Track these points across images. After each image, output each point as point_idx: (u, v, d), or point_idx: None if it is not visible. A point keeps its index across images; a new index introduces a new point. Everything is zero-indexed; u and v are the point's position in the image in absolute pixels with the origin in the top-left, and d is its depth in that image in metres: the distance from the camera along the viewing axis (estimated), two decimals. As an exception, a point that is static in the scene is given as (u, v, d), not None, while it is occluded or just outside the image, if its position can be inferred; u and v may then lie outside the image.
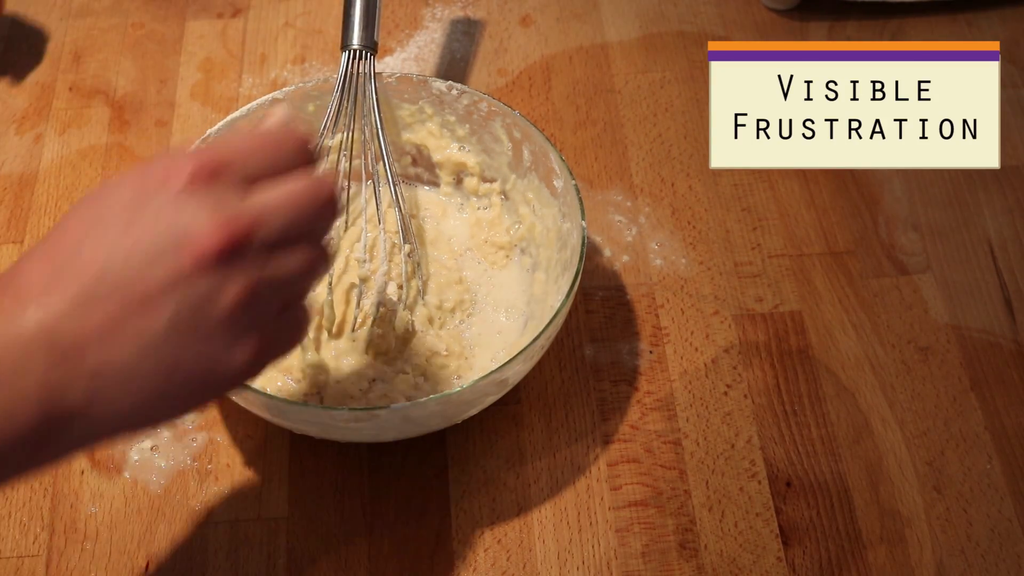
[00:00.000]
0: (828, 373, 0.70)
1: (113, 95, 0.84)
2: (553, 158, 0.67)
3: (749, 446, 0.67)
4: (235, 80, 0.84)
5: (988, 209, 0.77)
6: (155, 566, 0.63)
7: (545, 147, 0.68)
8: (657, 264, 0.74)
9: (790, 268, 0.74)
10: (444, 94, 0.71)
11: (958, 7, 0.88)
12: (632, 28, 0.88)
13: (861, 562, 0.63)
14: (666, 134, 0.81)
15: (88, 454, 0.66)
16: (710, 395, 0.69)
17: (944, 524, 0.64)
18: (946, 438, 0.67)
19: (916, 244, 0.75)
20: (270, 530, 0.64)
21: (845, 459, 0.66)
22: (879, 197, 0.78)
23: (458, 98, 0.71)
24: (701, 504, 0.65)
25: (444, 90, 0.71)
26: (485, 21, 0.88)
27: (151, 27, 0.88)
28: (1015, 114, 0.82)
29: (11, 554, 0.63)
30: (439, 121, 0.72)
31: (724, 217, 0.77)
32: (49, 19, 0.89)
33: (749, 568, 0.62)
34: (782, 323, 0.72)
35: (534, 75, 0.85)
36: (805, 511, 0.65)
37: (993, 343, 0.71)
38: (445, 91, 0.71)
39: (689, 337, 0.71)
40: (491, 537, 0.64)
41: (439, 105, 0.72)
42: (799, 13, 0.88)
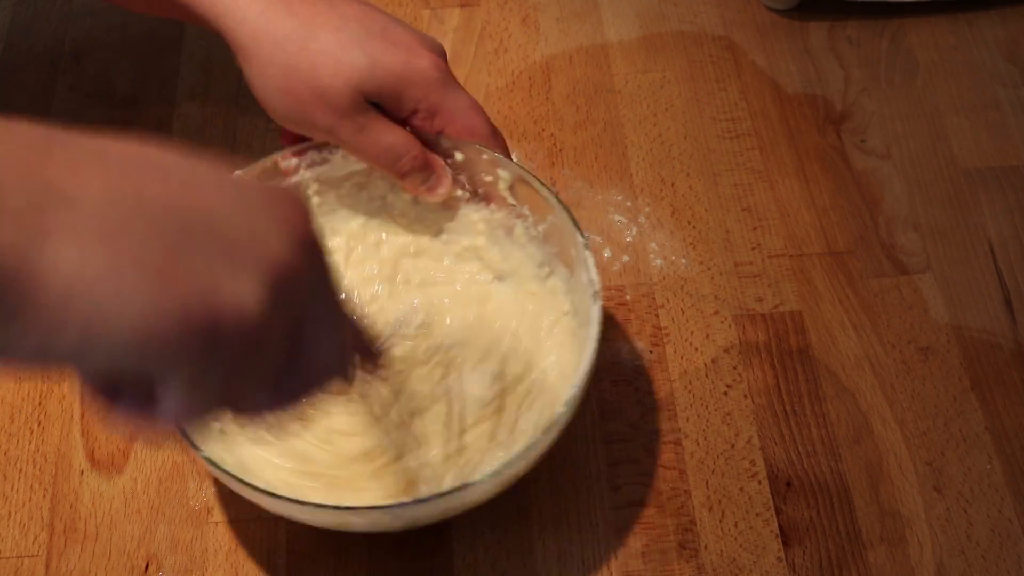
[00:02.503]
0: (828, 373, 0.70)
1: (113, 95, 0.84)
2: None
3: (749, 446, 0.67)
4: (235, 80, 0.84)
5: (988, 209, 0.77)
6: (155, 566, 0.63)
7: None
8: (657, 264, 0.74)
9: (790, 268, 0.74)
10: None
11: (958, 7, 0.88)
12: (632, 28, 0.88)
13: (861, 562, 0.63)
14: (666, 134, 0.81)
15: (88, 452, 0.66)
16: (710, 395, 0.69)
17: (944, 524, 0.64)
18: (946, 438, 0.67)
19: (916, 244, 0.75)
20: (270, 530, 0.64)
21: (845, 459, 0.66)
22: (879, 197, 0.78)
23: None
24: (701, 504, 0.65)
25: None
26: (485, 21, 0.88)
27: (151, 27, 0.88)
28: (1015, 114, 0.82)
29: (11, 554, 0.63)
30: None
31: (724, 217, 0.77)
32: (49, 19, 0.89)
33: (749, 568, 0.62)
34: (782, 323, 0.72)
35: (534, 75, 0.85)
36: (805, 511, 0.65)
37: (993, 343, 0.71)
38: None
39: (689, 337, 0.71)
40: (491, 537, 0.64)
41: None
42: (799, 13, 0.88)
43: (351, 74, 0.62)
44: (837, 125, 0.81)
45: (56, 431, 0.67)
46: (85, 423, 0.68)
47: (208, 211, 0.37)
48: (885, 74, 0.85)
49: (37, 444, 0.67)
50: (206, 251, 0.36)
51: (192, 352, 0.35)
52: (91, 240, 0.34)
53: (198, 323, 0.35)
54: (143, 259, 0.34)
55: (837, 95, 0.83)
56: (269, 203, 0.39)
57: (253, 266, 0.37)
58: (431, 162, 0.66)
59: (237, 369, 0.37)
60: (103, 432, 0.67)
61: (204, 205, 0.37)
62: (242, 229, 0.37)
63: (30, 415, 0.68)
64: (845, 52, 0.86)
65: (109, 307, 0.34)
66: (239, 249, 0.36)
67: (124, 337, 0.34)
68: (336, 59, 0.62)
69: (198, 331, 0.35)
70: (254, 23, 0.62)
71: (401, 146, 0.64)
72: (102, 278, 0.34)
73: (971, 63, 0.85)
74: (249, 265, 0.36)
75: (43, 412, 0.68)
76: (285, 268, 0.38)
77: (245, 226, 0.37)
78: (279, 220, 0.39)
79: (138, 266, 0.34)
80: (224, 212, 0.37)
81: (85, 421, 0.68)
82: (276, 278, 0.37)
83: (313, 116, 0.63)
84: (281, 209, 0.39)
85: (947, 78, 0.84)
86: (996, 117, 0.82)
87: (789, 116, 0.82)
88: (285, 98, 0.63)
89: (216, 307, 0.35)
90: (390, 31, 0.63)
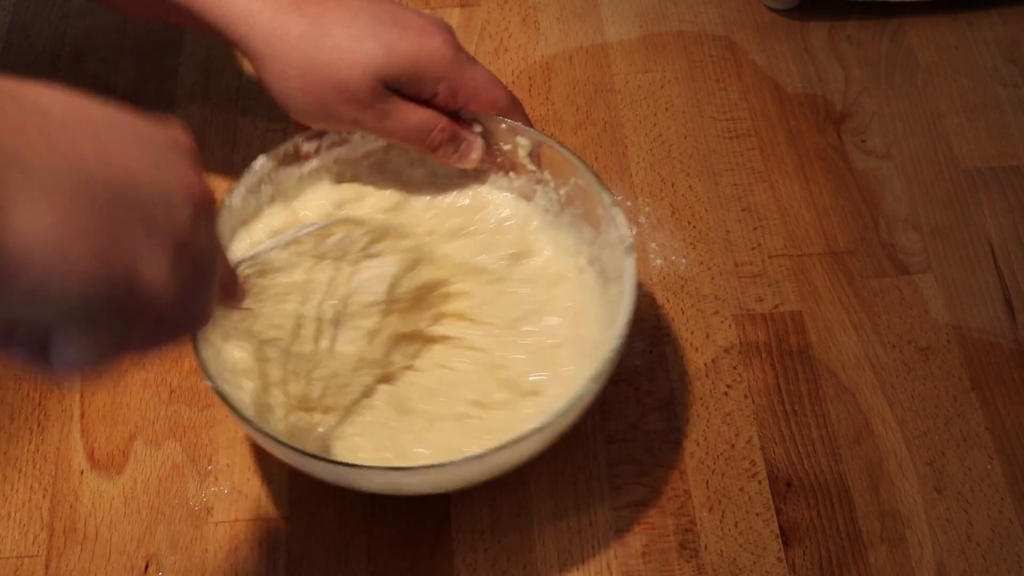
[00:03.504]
0: (828, 373, 0.70)
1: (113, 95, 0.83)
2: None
3: (749, 446, 0.67)
4: (235, 80, 0.84)
5: (988, 209, 0.77)
6: (155, 566, 0.63)
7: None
8: (657, 264, 0.74)
9: (790, 268, 0.74)
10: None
11: (958, 7, 0.88)
12: (632, 28, 0.88)
13: (861, 562, 0.63)
14: (666, 134, 0.81)
15: (88, 452, 0.66)
16: (710, 395, 0.69)
17: (944, 524, 0.64)
18: (946, 438, 0.67)
19: (916, 244, 0.75)
20: (270, 530, 0.64)
21: (845, 459, 0.66)
22: (879, 197, 0.78)
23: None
24: (701, 504, 0.65)
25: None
26: (485, 21, 0.88)
27: (151, 27, 0.87)
28: (1015, 114, 0.82)
29: (11, 554, 0.63)
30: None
31: (724, 217, 0.77)
32: (49, 19, 0.88)
33: (749, 568, 0.62)
34: (782, 323, 0.72)
35: (534, 75, 0.85)
36: (805, 511, 0.64)
37: (993, 343, 0.71)
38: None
39: (689, 337, 0.71)
40: (491, 537, 0.64)
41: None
42: (799, 13, 0.88)
43: (368, 64, 0.63)
44: (837, 125, 0.81)
45: (56, 431, 0.67)
46: (85, 423, 0.68)
47: (131, 174, 0.40)
48: (885, 74, 0.85)
49: (37, 444, 0.67)
50: (131, 226, 0.39)
51: (106, 316, 0.39)
52: (42, 208, 0.36)
53: (119, 296, 0.38)
54: (84, 232, 0.37)
55: (837, 95, 0.83)
56: (173, 155, 0.42)
57: (165, 244, 0.40)
58: (458, 132, 0.67)
59: (136, 325, 0.41)
60: (103, 432, 0.67)
61: (126, 165, 0.40)
62: (156, 196, 0.40)
63: (30, 415, 0.68)
64: (845, 52, 0.86)
65: (54, 276, 0.36)
66: (156, 224, 0.40)
67: (58, 302, 0.37)
68: (352, 52, 0.63)
69: (117, 302, 0.38)
70: (266, 28, 0.63)
71: (428, 122, 0.66)
72: (51, 249, 0.36)
73: (971, 63, 0.85)
74: (162, 243, 0.40)
75: (43, 412, 0.68)
76: (189, 239, 0.41)
77: (159, 193, 0.40)
78: (182, 179, 0.42)
79: (80, 240, 0.37)
80: (142, 176, 0.40)
81: (85, 421, 0.68)
82: (180, 251, 0.41)
83: (337, 111, 0.64)
84: (184, 162, 0.43)
85: (947, 78, 0.84)
86: (996, 117, 0.82)
87: (789, 116, 0.82)
88: (307, 97, 0.64)
89: (135, 284, 0.39)
90: (399, 17, 0.65)
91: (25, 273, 0.35)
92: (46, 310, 0.37)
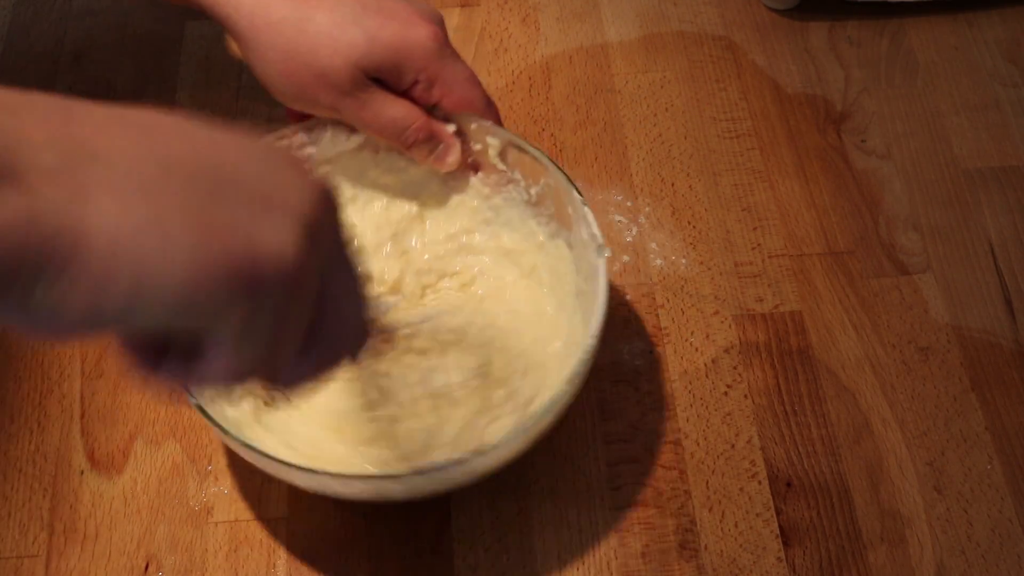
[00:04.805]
0: (828, 373, 0.70)
1: (113, 95, 0.84)
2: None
3: (749, 446, 0.67)
4: (235, 80, 0.84)
5: (988, 209, 0.77)
6: (155, 566, 0.63)
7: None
8: (657, 264, 0.74)
9: (790, 268, 0.74)
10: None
11: (958, 7, 0.88)
12: (632, 28, 0.88)
13: (861, 562, 0.63)
14: (666, 134, 0.81)
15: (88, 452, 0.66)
16: (710, 395, 0.69)
17: (944, 524, 0.64)
18: (946, 438, 0.67)
19: (916, 244, 0.75)
20: (270, 530, 0.64)
21: (845, 459, 0.66)
22: (879, 197, 0.78)
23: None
24: (701, 504, 0.65)
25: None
26: (485, 21, 0.88)
27: (151, 27, 0.88)
28: (1015, 114, 0.82)
29: (11, 554, 0.63)
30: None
31: (724, 217, 0.77)
32: (49, 19, 0.89)
33: (749, 568, 0.62)
34: (782, 323, 0.72)
35: (534, 75, 0.85)
36: (805, 511, 0.64)
37: (993, 343, 0.71)
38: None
39: (689, 337, 0.71)
40: (491, 537, 0.64)
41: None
42: (799, 13, 0.88)
43: (349, 52, 0.62)
44: (837, 125, 0.81)
45: (56, 431, 0.67)
46: (85, 423, 0.68)
47: (234, 166, 0.38)
48: (885, 74, 0.85)
49: (37, 444, 0.67)
50: (239, 201, 0.36)
51: (238, 298, 0.36)
52: (129, 194, 0.34)
53: (242, 268, 0.35)
54: (182, 209, 0.35)
55: (837, 95, 0.83)
56: (286, 159, 0.40)
57: (286, 212, 0.37)
58: (437, 132, 0.67)
59: (280, 315, 0.38)
60: (103, 432, 0.67)
61: (229, 160, 0.38)
62: (267, 182, 0.38)
63: (30, 415, 0.68)
64: (845, 52, 0.86)
65: (155, 258, 0.34)
66: (269, 199, 0.37)
67: (172, 288, 0.34)
68: (334, 38, 0.62)
69: (243, 276, 0.36)
70: (251, 9, 0.63)
71: (405, 118, 0.65)
72: (145, 230, 0.34)
73: (971, 63, 0.85)
74: (282, 212, 0.37)
75: (43, 412, 0.68)
76: (313, 216, 0.38)
77: (270, 179, 0.38)
78: (300, 173, 0.40)
79: (178, 216, 0.35)
80: (248, 167, 0.38)
81: (85, 421, 0.68)
82: (307, 224, 0.38)
83: (316, 96, 0.64)
84: (298, 164, 0.40)
85: (947, 78, 0.84)
86: (996, 117, 0.82)
87: (789, 116, 0.82)
88: (287, 81, 0.64)
89: (257, 251, 0.36)
90: (386, 5, 0.64)
91: (123, 259, 0.33)
92: (165, 300, 0.34)
